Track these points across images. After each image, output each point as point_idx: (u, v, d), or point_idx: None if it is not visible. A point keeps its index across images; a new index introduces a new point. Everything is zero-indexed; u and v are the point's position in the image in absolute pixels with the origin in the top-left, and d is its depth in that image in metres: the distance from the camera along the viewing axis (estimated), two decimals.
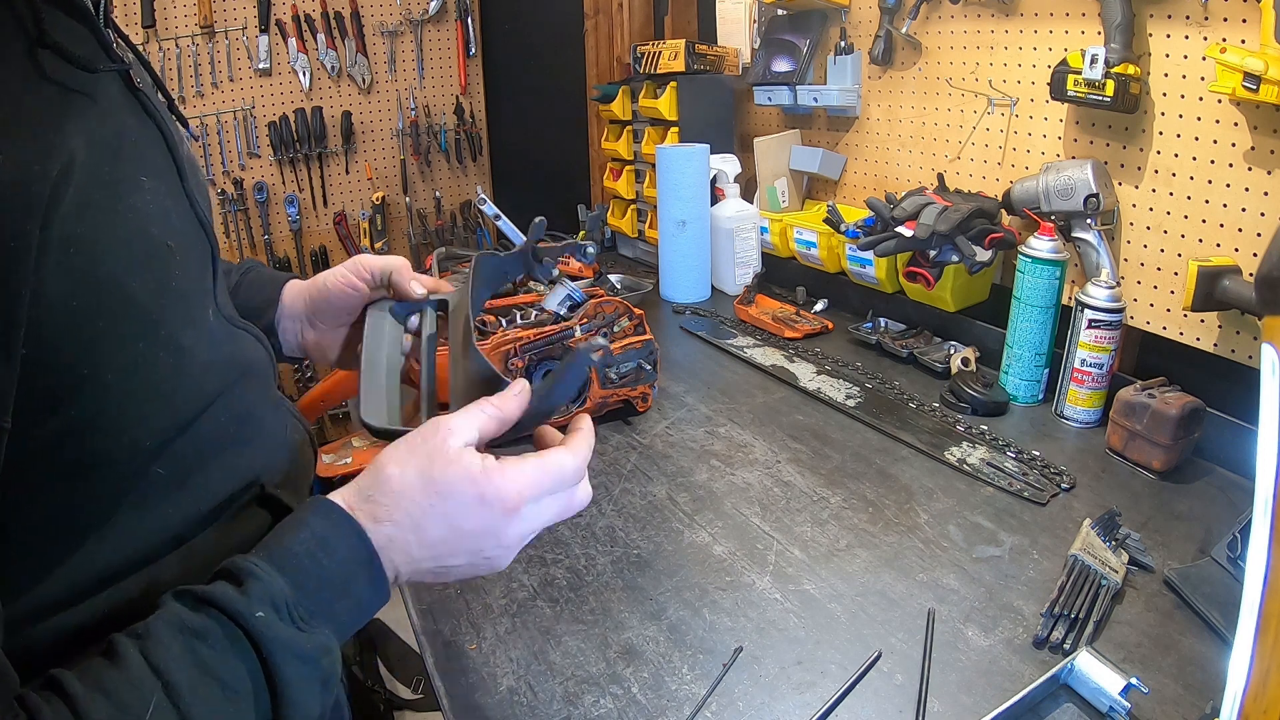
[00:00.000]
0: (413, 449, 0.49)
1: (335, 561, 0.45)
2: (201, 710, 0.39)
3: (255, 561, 0.43)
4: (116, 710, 0.37)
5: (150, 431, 0.46)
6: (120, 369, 0.43)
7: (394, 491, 0.47)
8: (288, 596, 0.43)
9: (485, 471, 0.48)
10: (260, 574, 0.42)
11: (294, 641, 0.42)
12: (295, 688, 0.42)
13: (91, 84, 0.45)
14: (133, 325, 0.44)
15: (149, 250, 0.46)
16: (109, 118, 0.46)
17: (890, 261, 1.31)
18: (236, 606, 0.41)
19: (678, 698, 0.62)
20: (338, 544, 0.45)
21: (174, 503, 0.48)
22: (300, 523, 0.46)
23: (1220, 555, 0.73)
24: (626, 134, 1.87)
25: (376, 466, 0.49)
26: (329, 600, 0.45)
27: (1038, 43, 1.13)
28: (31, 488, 0.40)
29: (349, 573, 0.46)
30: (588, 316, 1.02)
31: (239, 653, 0.41)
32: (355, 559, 0.46)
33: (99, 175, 0.43)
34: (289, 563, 0.44)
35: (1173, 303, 1.02)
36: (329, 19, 2.34)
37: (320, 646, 0.44)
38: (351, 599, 0.46)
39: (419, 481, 0.47)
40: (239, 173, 2.37)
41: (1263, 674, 0.42)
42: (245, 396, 0.55)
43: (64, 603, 0.44)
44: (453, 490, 0.47)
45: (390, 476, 0.47)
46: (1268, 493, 0.42)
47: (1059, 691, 0.62)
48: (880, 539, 0.81)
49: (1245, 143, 0.91)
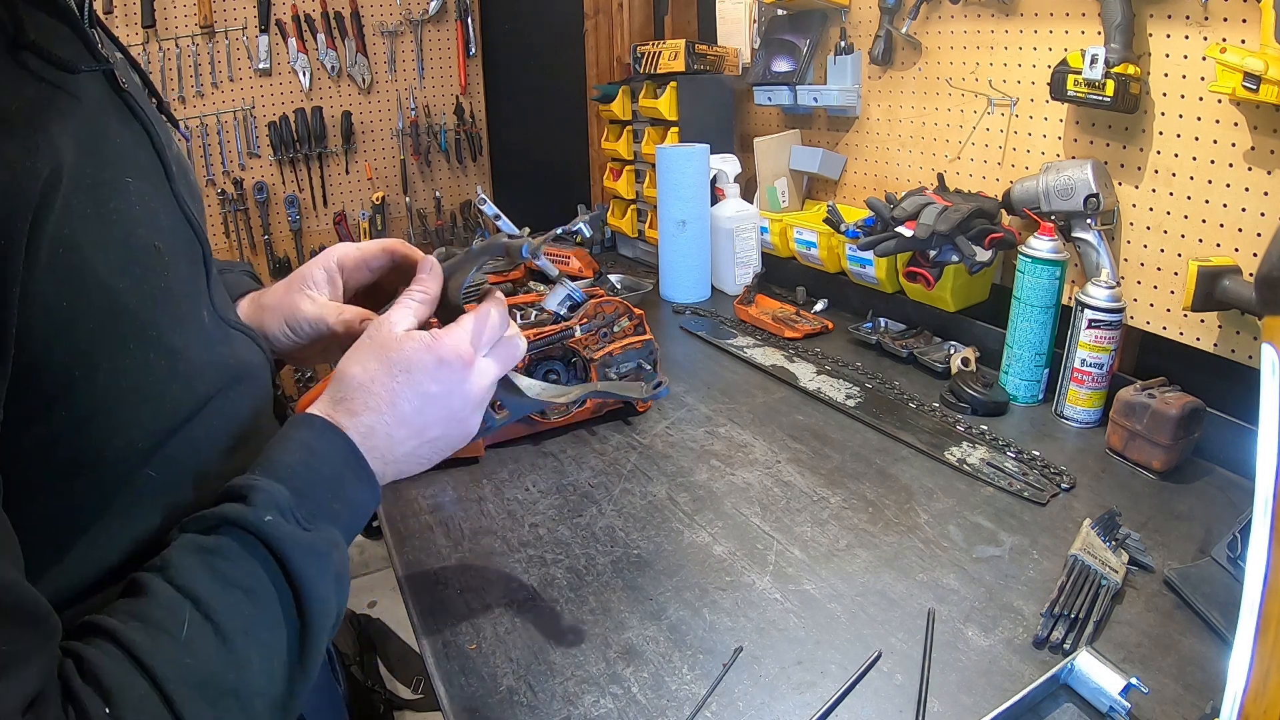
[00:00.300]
0: (365, 347, 0.54)
1: (325, 464, 0.50)
2: (231, 617, 0.42)
3: (252, 476, 0.47)
4: (155, 631, 0.40)
5: (142, 434, 0.46)
6: (111, 371, 0.43)
7: (361, 386, 0.52)
8: (289, 501, 0.46)
9: (434, 337, 0.54)
10: (260, 485, 0.46)
11: (303, 539, 0.46)
12: (312, 582, 0.45)
13: (75, 84, 0.45)
14: (122, 327, 0.44)
15: (136, 252, 0.46)
16: (93, 119, 0.46)
17: (890, 261, 1.31)
18: (246, 517, 0.44)
19: (678, 698, 0.62)
20: (323, 447, 0.50)
21: (166, 507, 0.48)
22: (285, 438, 0.50)
23: (1220, 555, 0.73)
24: (626, 134, 1.87)
25: (339, 374, 0.53)
26: (326, 500, 0.49)
27: (1038, 43, 1.13)
28: (24, 490, 0.40)
29: (338, 473, 0.50)
30: (588, 316, 1.02)
31: (257, 558, 0.44)
32: (342, 459, 0.51)
33: (84, 177, 0.43)
34: (283, 472, 0.47)
35: (1173, 303, 1.02)
36: (329, 19, 2.34)
37: (328, 541, 0.48)
38: (345, 499, 0.50)
39: (380, 368, 0.53)
40: (239, 173, 2.37)
41: (1263, 674, 0.42)
42: (241, 401, 0.55)
43: (56, 607, 0.44)
44: (412, 363, 0.53)
45: (354, 375, 0.53)
46: (1268, 493, 0.42)
47: (1059, 691, 0.62)
48: (880, 539, 0.81)
49: (1245, 143, 0.91)
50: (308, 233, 2.50)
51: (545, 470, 0.96)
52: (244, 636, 0.42)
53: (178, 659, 0.40)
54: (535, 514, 0.87)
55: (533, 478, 0.95)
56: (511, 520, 0.86)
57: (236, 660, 0.42)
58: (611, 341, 1.04)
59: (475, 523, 0.86)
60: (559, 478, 0.94)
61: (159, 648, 0.39)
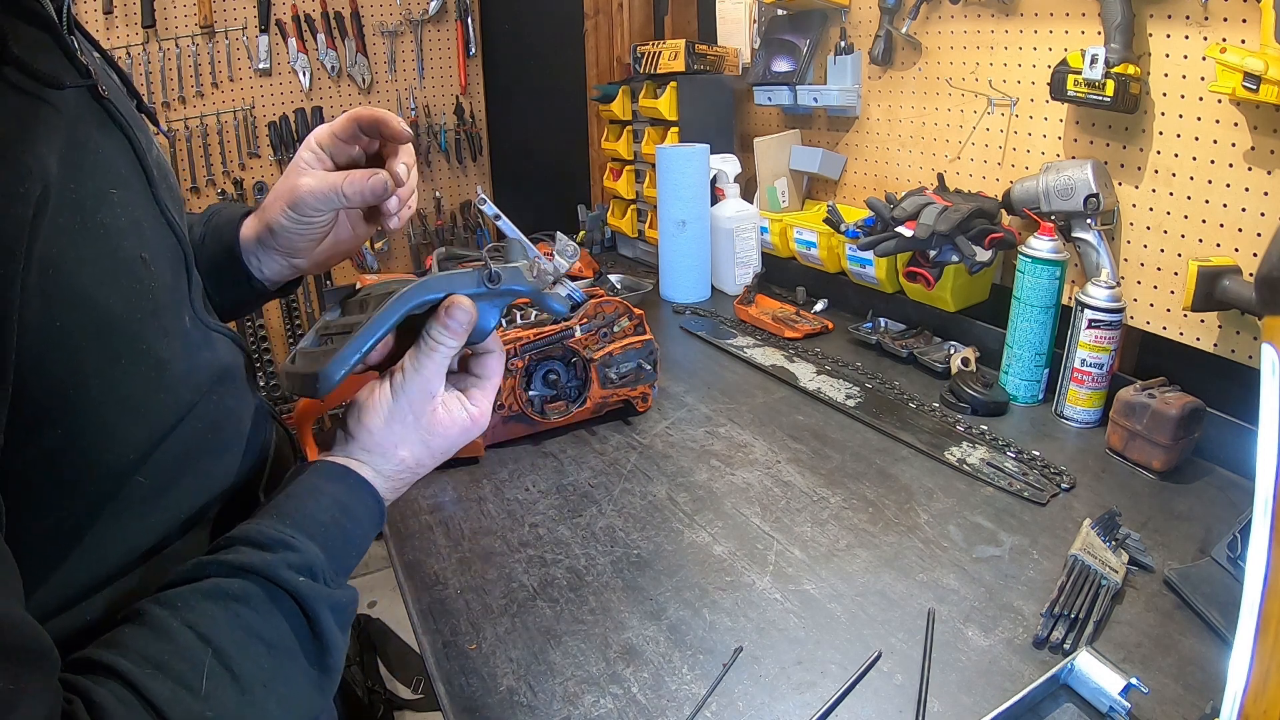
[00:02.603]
0: (408, 423, 0.55)
1: (357, 525, 0.52)
2: (252, 670, 0.42)
3: (285, 530, 0.47)
4: (174, 683, 0.39)
5: (132, 444, 0.46)
6: (102, 385, 0.43)
7: (409, 468, 0.55)
8: (323, 561, 0.47)
9: (470, 417, 0.57)
10: (296, 544, 0.46)
11: (330, 597, 0.47)
12: (337, 637, 0.47)
13: (57, 96, 0.44)
14: (113, 341, 0.44)
15: (123, 265, 0.46)
16: (75, 130, 0.45)
17: (890, 261, 1.31)
18: (278, 573, 0.45)
19: (678, 698, 0.62)
20: (357, 509, 0.52)
21: (156, 510, 0.49)
22: (319, 491, 0.51)
23: (1220, 555, 0.73)
24: (626, 134, 1.87)
25: (386, 448, 0.54)
26: (352, 557, 0.51)
27: (1038, 43, 1.13)
28: (19, 507, 0.40)
29: (366, 534, 0.53)
30: (588, 316, 1.02)
31: (283, 611, 0.45)
32: (372, 521, 0.53)
33: (69, 193, 0.42)
34: (317, 531, 0.48)
35: (1173, 303, 1.02)
36: (329, 19, 2.34)
37: (350, 599, 0.50)
38: (363, 552, 0.53)
39: (425, 452, 0.56)
40: (239, 173, 2.37)
41: (1263, 674, 0.42)
42: (222, 402, 0.55)
43: (53, 612, 0.44)
44: (450, 445, 0.57)
45: (404, 459, 0.55)
46: (1268, 493, 0.42)
47: (1059, 691, 0.62)
48: (880, 539, 0.81)
49: (1245, 143, 0.90)
50: None
51: (545, 470, 0.96)
52: (263, 689, 0.42)
53: (198, 712, 0.39)
54: (535, 514, 0.87)
55: (533, 478, 0.95)
56: (511, 520, 0.86)
57: (253, 712, 0.42)
58: (611, 341, 1.04)
59: (475, 523, 0.86)
60: (559, 478, 0.94)
61: (179, 700, 0.39)
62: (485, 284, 0.56)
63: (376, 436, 0.54)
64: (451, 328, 0.54)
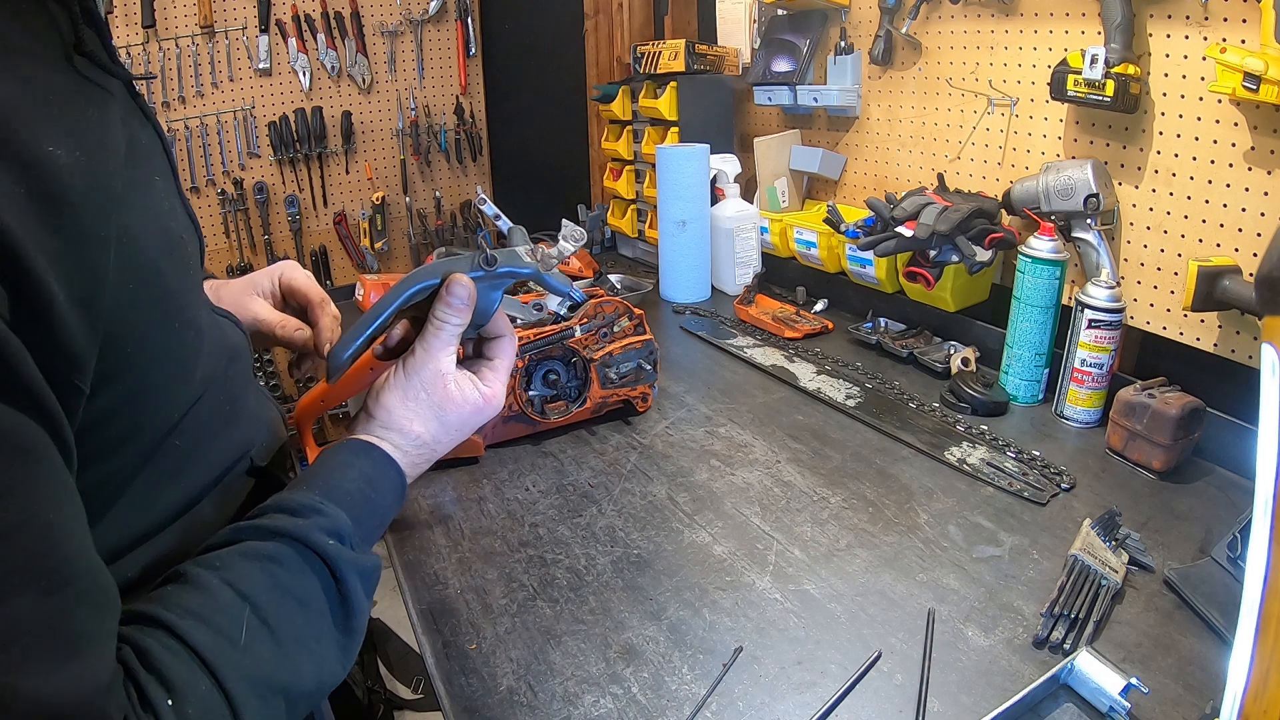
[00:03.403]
0: (422, 400, 0.60)
1: (381, 496, 0.56)
2: (286, 625, 0.46)
3: (314, 497, 0.51)
4: (215, 633, 0.42)
5: (175, 406, 0.50)
6: (157, 348, 0.47)
7: (426, 444, 0.61)
8: (350, 528, 0.52)
9: (483, 397, 0.62)
10: (325, 510, 0.51)
11: (356, 561, 0.51)
12: (361, 600, 0.51)
13: (114, 87, 0.49)
14: (166, 307, 0.48)
15: (172, 241, 0.50)
16: (127, 119, 0.49)
17: (890, 261, 1.31)
18: (310, 535, 0.49)
19: (678, 698, 0.62)
20: (381, 482, 0.57)
21: (185, 473, 0.53)
22: (346, 465, 0.56)
23: (1220, 555, 0.73)
24: (626, 134, 1.87)
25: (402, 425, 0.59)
26: (376, 527, 0.56)
27: (1038, 43, 1.13)
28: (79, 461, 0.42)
29: (389, 504, 0.58)
30: (587, 316, 1.02)
31: (315, 572, 0.48)
32: (395, 494, 0.58)
33: (131, 171, 0.46)
34: (344, 500, 0.53)
35: (1173, 303, 1.02)
36: (329, 19, 2.34)
37: (374, 564, 0.53)
38: (386, 524, 0.58)
39: (439, 428, 0.61)
40: (239, 173, 2.37)
41: (1263, 674, 0.42)
42: (235, 377, 0.60)
43: None
44: (464, 423, 0.62)
45: (419, 434, 0.60)
46: (1268, 493, 0.42)
47: (1059, 691, 0.62)
48: (880, 539, 0.81)
49: (1245, 143, 0.91)
50: (308, 233, 2.50)
51: (545, 470, 0.96)
52: (295, 644, 0.46)
53: (238, 660, 0.42)
54: (535, 514, 0.87)
55: (533, 478, 0.95)
56: (511, 520, 0.86)
57: (288, 664, 0.45)
58: (611, 341, 1.04)
59: (475, 523, 0.86)
60: (559, 478, 0.94)
61: (220, 648, 0.42)
62: (482, 267, 0.61)
63: (394, 414, 0.59)
64: (453, 305, 0.59)
